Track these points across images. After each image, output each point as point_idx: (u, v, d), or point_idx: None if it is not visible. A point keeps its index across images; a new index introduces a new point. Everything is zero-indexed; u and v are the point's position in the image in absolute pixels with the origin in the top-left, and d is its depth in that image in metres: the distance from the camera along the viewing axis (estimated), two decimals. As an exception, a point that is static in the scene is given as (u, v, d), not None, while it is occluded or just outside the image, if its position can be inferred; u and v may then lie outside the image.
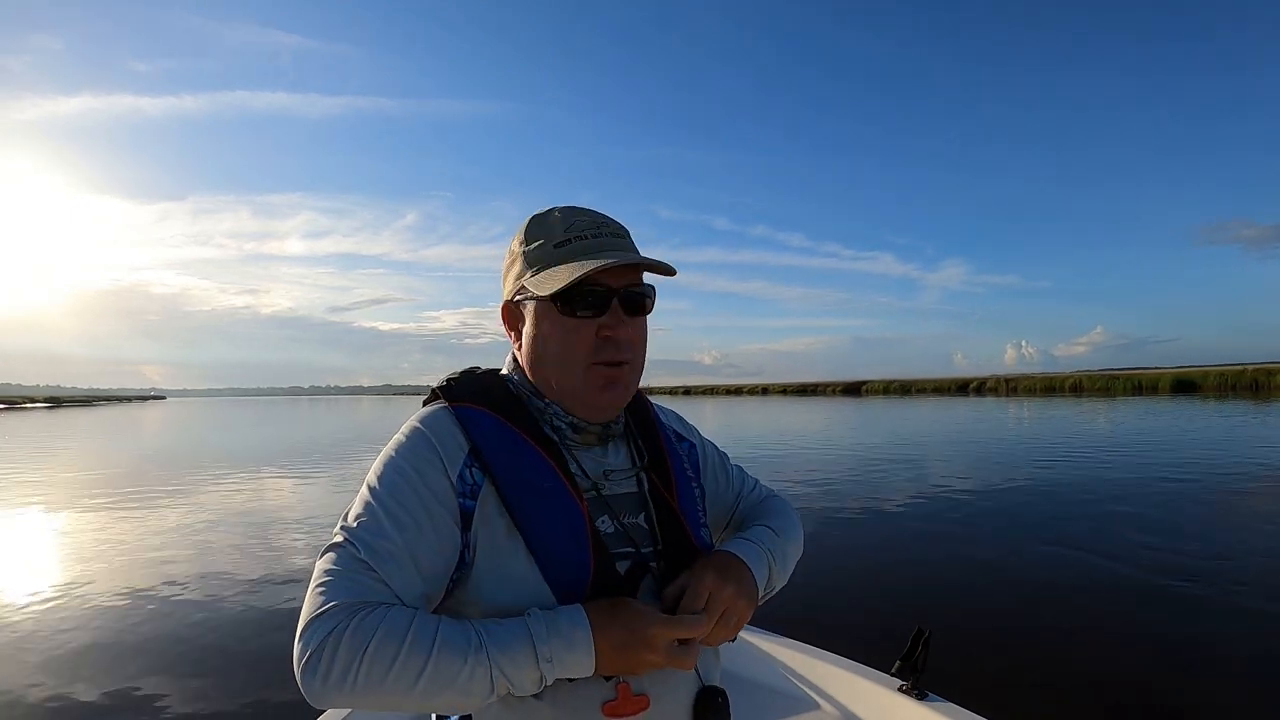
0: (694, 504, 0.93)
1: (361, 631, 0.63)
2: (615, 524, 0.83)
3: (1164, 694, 3.14)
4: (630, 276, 0.83)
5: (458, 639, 0.66)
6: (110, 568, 5.76)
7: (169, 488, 10.44)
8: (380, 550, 0.69)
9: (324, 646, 0.63)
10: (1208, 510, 7.10)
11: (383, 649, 0.63)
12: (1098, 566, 5.21)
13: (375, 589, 0.67)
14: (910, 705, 1.63)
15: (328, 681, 0.62)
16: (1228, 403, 29.21)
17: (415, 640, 0.64)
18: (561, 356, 0.82)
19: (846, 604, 4.52)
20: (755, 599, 0.84)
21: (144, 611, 4.57)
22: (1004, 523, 6.93)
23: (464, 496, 0.76)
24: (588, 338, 0.81)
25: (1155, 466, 10.19)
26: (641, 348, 0.87)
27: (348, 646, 0.62)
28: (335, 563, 0.68)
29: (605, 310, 0.81)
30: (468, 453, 0.78)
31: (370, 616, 0.64)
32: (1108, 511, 7.19)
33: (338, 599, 0.65)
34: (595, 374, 0.82)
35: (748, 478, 1.10)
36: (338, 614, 0.64)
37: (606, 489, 0.85)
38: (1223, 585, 4.66)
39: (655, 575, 0.83)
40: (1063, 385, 61.11)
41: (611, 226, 0.85)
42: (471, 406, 0.81)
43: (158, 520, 7.85)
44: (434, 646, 0.64)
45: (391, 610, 0.66)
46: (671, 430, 1.00)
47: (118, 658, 3.80)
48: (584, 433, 0.85)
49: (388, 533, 0.70)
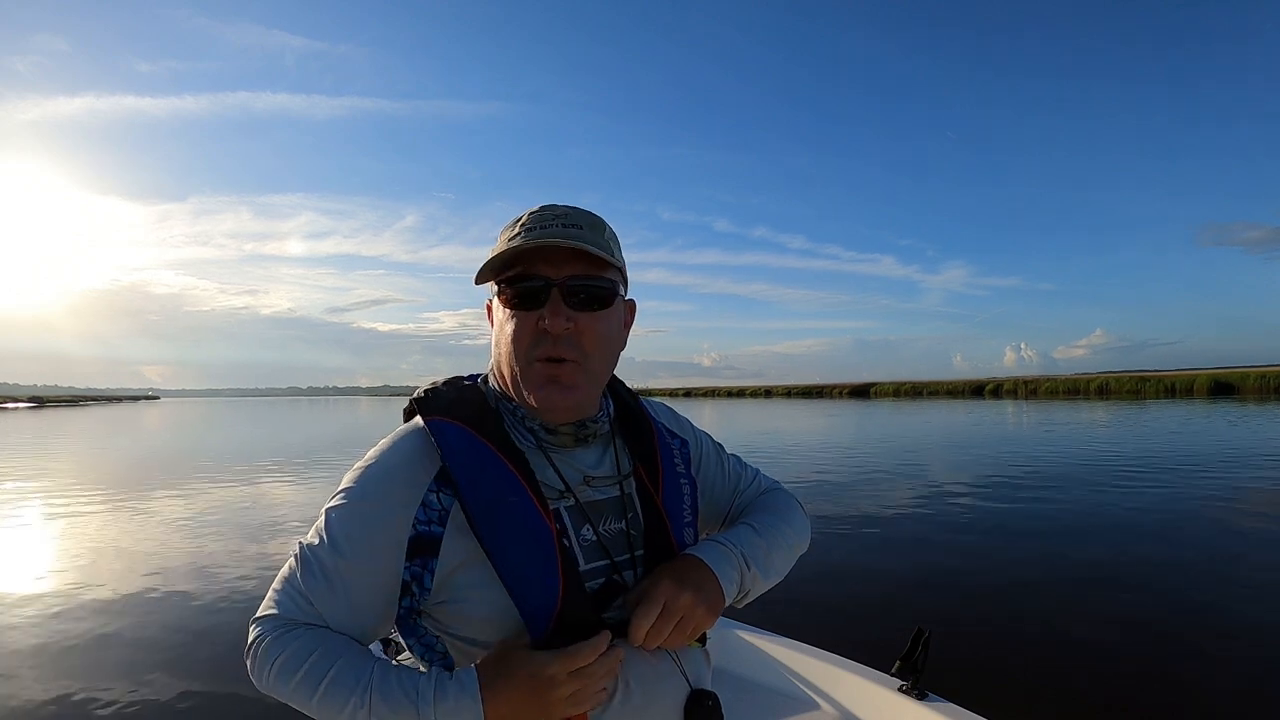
0: (680, 503, 0.91)
1: (277, 646, 0.75)
2: (594, 532, 0.82)
3: (1164, 694, 3.19)
4: (576, 267, 0.80)
5: (348, 678, 0.72)
6: (68, 574, 5.83)
7: (137, 492, 10.28)
8: (315, 578, 0.76)
9: (254, 646, 0.77)
10: (1221, 517, 7.10)
11: (287, 665, 0.74)
12: (1099, 568, 5.27)
13: (305, 610, 0.76)
14: (910, 705, 1.67)
15: (252, 673, 0.77)
16: (1268, 406, 28.27)
17: (312, 667, 0.73)
18: (509, 351, 0.82)
19: (846, 604, 4.59)
20: (717, 604, 0.83)
21: (104, 620, 4.64)
22: (1005, 524, 6.99)
23: (429, 524, 0.76)
24: (526, 331, 0.80)
25: (1174, 473, 10.15)
26: (596, 345, 0.82)
27: (265, 655, 0.75)
28: (284, 578, 0.79)
29: (542, 302, 0.79)
30: (435, 476, 0.78)
31: (287, 635, 0.75)
32: (1112, 514, 7.23)
33: (274, 610, 0.77)
34: (535, 371, 0.80)
35: (747, 469, 1.08)
36: (267, 624, 0.77)
37: (586, 495, 0.84)
38: (1225, 590, 4.71)
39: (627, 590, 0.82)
40: (1087, 388, 58.87)
41: (572, 218, 0.82)
42: (446, 421, 0.80)
43: (118, 527, 7.74)
44: (325, 678, 0.72)
45: (309, 633, 0.75)
46: (662, 427, 0.98)
47: (85, 661, 3.88)
48: (557, 434, 0.84)
49: (326, 564, 0.76)
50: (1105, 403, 38.76)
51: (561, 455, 0.85)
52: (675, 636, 0.79)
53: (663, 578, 0.80)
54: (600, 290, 0.81)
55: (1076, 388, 59.78)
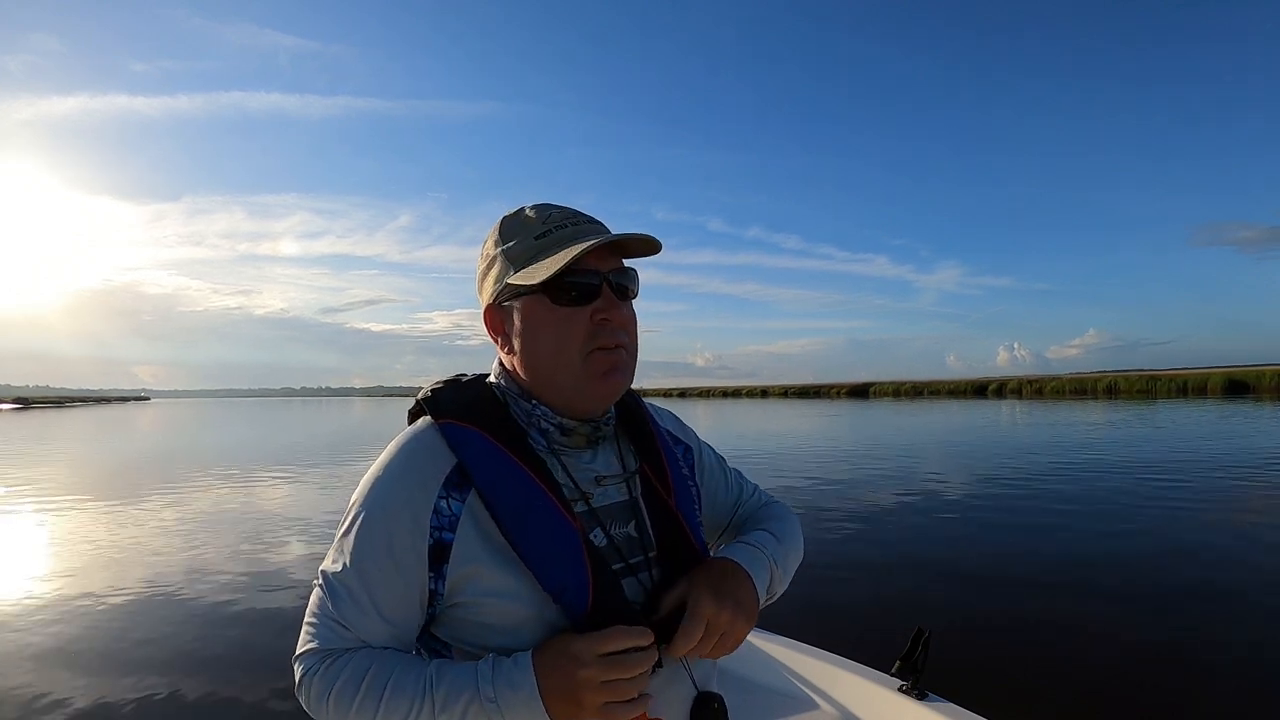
0: (691, 505, 0.93)
1: (329, 676, 0.77)
2: (605, 536, 0.84)
3: (1163, 694, 3.23)
4: (613, 262, 0.84)
5: (408, 682, 0.75)
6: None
7: (103, 499, 10.24)
8: (346, 604, 0.78)
9: (305, 681, 0.79)
10: (1221, 517, 7.15)
11: (344, 691, 0.76)
12: (1100, 569, 5.32)
13: (345, 635, 0.78)
14: (910, 705, 1.71)
15: (310, 708, 0.79)
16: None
17: (370, 685, 0.75)
18: (557, 348, 0.82)
19: (846, 604, 4.64)
20: (754, 615, 0.84)
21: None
22: (1006, 524, 7.05)
23: (441, 530, 0.77)
24: (583, 325, 0.81)
25: (1185, 474, 10.20)
26: (635, 333, 0.87)
27: (318, 687, 0.77)
28: (316, 608, 0.81)
29: (598, 295, 0.82)
30: (444, 481, 0.79)
31: (335, 663, 0.77)
32: (1116, 515, 7.27)
33: (314, 643, 0.79)
34: (595, 361, 0.82)
35: (747, 482, 1.10)
36: (311, 658, 0.79)
37: (596, 499, 0.85)
38: (1225, 589, 4.76)
39: (648, 591, 0.84)
40: (1095, 387, 57.67)
41: (585, 216, 0.86)
42: (460, 425, 0.81)
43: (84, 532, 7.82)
44: (386, 688, 0.75)
45: (356, 655, 0.77)
46: (667, 432, 1.00)
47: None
48: (573, 434, 0.85)
49: (353, 588, 0.78)
50: (1115, 403, 38.63)
51: (571, 457, 0.86)
52: (715, 651, 0.81)
53: (703, 593, 0.80)
54: (634, 283, 0.87)
55: (1084, 387, 58.61)
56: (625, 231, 0.83)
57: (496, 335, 0.88)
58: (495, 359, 0.92)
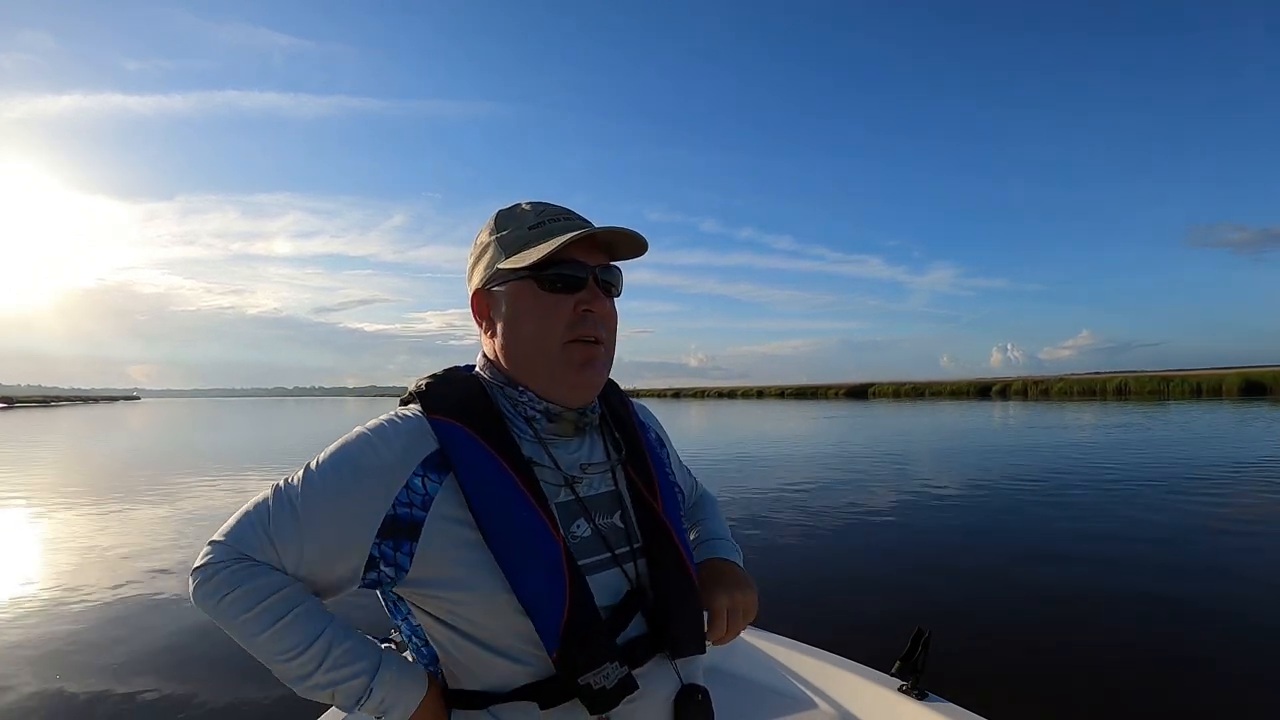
0: (674, 499, 0.97)
1: (233, 578, 0.77)
2: (590, 526, 0.86)
3: (1164, 694, 3.26)
4: (601, 259, 0.89)
5: (307, 625, 0.78)
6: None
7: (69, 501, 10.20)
8: (284, 524, 0.79)
9: (207, 568, 0.78)
10: (1221, 520, 7.17)
11: (242, 600, 0.77)
12: (1100, 569, 5.36)
13: (266, 551, 0.79)
14: (910, 705, 1.73)
15: (196, 589, 0.79)
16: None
17: (270, 607, 0.77)
18: (539, 333, 0.86)
19: (846, 604, 4.68)
20: (754, 588, 0.98)
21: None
22: (1006, 525, 7.09)
23: (410, 506, 0.79)
24: (566, 313, 0.85)
25: (1189, 478, 10.21)
26: (614, 331, 0.91)
27: (218, 582, 0.77)
28: (254, 512, 0.81)
29: (584, 286, 0.86)
30: (423, 462, 0.80)
31: (245, 569, 0.78)
32: (1117, 516, 7.32)
33: (236, 538, 0.79)
34: (573, 351, 0.86)
35: (690, 472, 1.19)
36: (226, 551, 0.79)
37: (582, 488, 0.88)
38: (1223, 591, 4.79)
39: (647, 608, 0.85)
40: (1104, 388, 56.48)
41: (579, 214, 0.91)
42: (450, 421, 0.83)
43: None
44: (285, 618, 0.77)
45: (272, 573, 0.79)
46: (640, 421, 1.05)
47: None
48: (559, 421, 0.88)
49: (298, 513, 0.79)
50: (1125, 404, 38.32)
51: (558, 446, 0.89)
52: (741, 625, 0.95)
53: (714, 591, 0.94)
54: (619, 281, 0.92)
55: (1092, 388, 57.54)
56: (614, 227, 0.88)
57: (482, 320, 0.92)
58: (480, 350, 0.95)
